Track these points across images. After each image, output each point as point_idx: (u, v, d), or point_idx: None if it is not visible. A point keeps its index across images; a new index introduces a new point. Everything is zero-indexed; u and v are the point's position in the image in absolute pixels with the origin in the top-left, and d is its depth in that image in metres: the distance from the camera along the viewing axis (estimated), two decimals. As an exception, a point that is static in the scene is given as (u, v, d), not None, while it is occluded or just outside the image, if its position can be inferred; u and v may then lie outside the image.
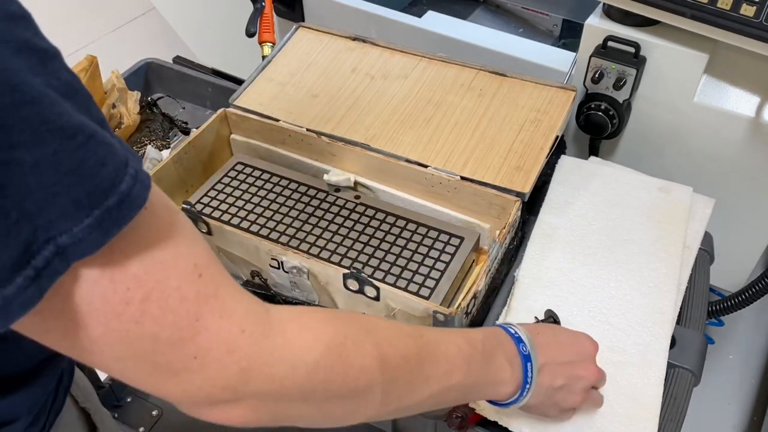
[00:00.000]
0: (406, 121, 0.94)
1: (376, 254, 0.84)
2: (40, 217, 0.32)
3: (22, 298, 0.32)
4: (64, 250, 0.33)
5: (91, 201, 0.33)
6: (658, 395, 0.70)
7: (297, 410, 0.43)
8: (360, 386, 0.45)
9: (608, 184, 0.91)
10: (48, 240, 0.32)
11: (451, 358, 0.52)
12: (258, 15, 1.15)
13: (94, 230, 0.33)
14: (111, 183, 0.34)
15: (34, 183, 0.31)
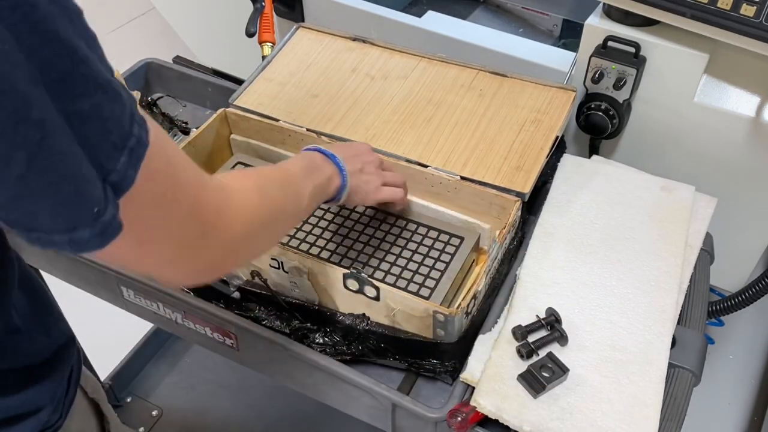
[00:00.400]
0: (406, 121, 0.94)
1: (376, 254, 0.84)
2: (97, 160, 0.38)
3: (115, 224, 0.39)
4: (115, 187, 0.39)
5: (122, 142, 0.39)
6: (659, 393, 0.70)
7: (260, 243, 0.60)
8: (281, 205, 0.62)
9: (610, 183, 0.91)
10: (104, 180, 0.39)
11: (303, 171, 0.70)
12: (258, 15, 1.15)
13: (128, 167, 0.40)
14: (129, 126, 0.40)
15: (90, 130, 0.37)
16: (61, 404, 0.64)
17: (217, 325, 0.82)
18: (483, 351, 0.74)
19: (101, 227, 0.39)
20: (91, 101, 0.37)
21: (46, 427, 0.62)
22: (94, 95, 0.38)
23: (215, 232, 0.50)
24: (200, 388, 1.44)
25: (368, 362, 0.78)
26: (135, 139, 0.40)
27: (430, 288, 0.79)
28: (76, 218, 0.38)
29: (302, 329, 0.79)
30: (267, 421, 1.38)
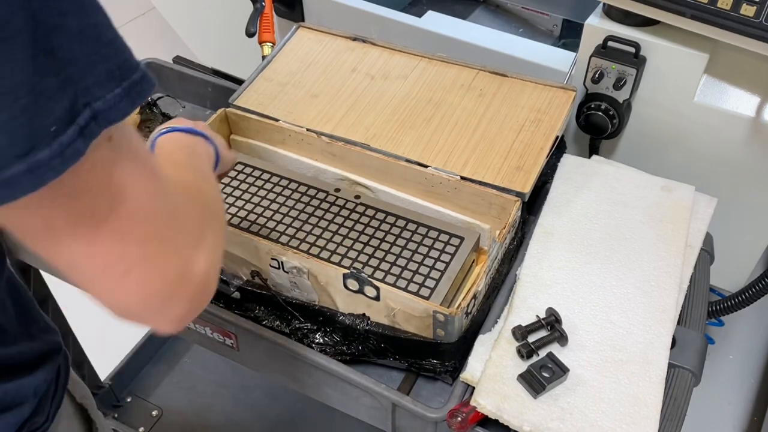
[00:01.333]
0: (406, 121, 0.94)
1: (376, 254, 0.84)
2: (81, 82, 0.36)
3: (74, 147, 0.36)
4: (97, 115, 0.37)
5: (122, 73, 0.38)
6: (659, 393, 0.70)
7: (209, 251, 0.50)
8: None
9: (610, 183, 0.91)
10: (86, 104, 0.36)
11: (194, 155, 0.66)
12: (258, 15, 1.15)
13: (123, 99, 0.38)
14: (136, 63, 0.39)
15: (77, 49, 0.36)
16: (48, 405, 0.63)
17: (217, 325, 0.82)
18: (483, 351, 0.74)
19: (59, 147, 0.35)
20: (85, 21, 0.36)
21: (32, 429, 0.61)
22: (90, 16, 0.36)
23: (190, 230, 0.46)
24: (200, 388, 1.44)
25: (368, 362, 0.78)
26: (141, 74, 0.39)
27: (430, 288, 0.79)
28: (33, 135, 0.35)
29: (302, 329, 0.79)
30: (267, 421, 1.38)
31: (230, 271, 0.85)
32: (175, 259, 0.45)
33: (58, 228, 0.39)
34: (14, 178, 0.35)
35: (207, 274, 0.47)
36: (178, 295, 0.46)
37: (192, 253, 0.46)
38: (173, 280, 0.45)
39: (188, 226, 0.47)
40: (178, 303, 0.46)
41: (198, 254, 0.47)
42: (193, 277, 0.46)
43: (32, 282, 1.08)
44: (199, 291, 0.47)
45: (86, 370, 1.29)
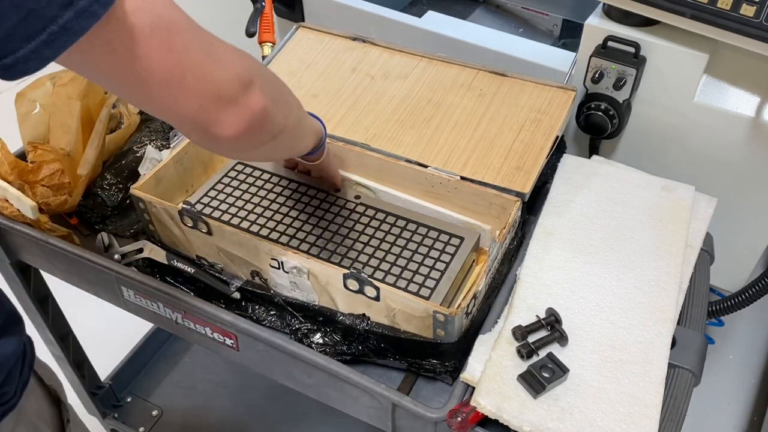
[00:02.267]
0: (406, 121, 0.94)
1: (376, 254, 0.84)
2: None
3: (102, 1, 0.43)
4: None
5: None
6: (659, 393, 0.70)
7: (271, 91, 0.58)
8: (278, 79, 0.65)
9: (610, 183, 0.91)
10: None
11: None
12: (258, 15, 1.15)
13: None
14: None
15: None
16: (15, 381, 0.67)
17: (217, 325, 0.82)
18: (483, 351, 0.74)
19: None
20: None
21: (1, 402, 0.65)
22: None
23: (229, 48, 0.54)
24: (200, 388, 1.44)
25: (368, 362, 0.78)
26: None
27: (430, 288, 0.79)
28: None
29: (302, 329, 0.79)
30: (267, 421, 1.38)
31: (230, 271, 0.85)
32: (221, 70, 0.52)
33: (118, 58, 0.47)
34: (68, 24, 0.42)
35: (261, 103, 0.55)
36: (232, 102, 0.53)
37: (240, 72, 0.53)
38: (224, 86, 0.52)
39: (232, 56, 0.54)
40: (232, 110, 0.53)
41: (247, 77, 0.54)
42: (247, 96, 0.54)
43: (32, 282, 1.08)
44: (252, 113, 0.54)
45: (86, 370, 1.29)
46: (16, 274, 1.04)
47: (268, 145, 0.61)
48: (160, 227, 0.88)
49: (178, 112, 0.52)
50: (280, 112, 0.60)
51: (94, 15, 0.43)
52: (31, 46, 0.42)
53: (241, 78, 0.53)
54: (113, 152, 1.00)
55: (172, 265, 0.85)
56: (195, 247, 0.86)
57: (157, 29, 0.47)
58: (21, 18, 0.41)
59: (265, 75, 0.59)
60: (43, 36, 0.42)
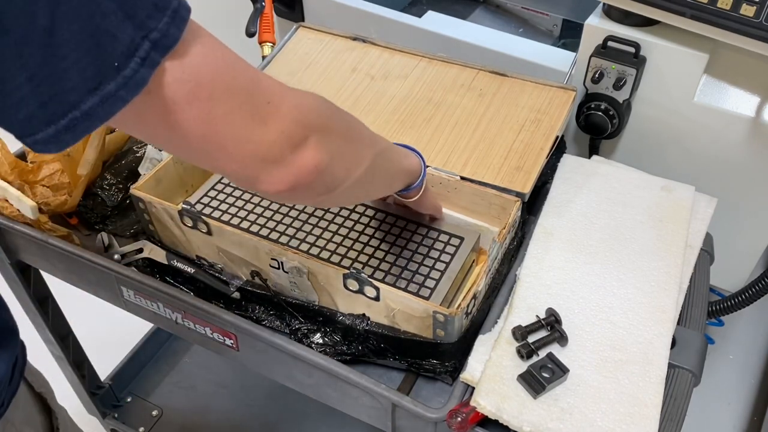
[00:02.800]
0: (406, 121, 0.94)
1: (376, 254, 0.84)
2: (136, 18, 0.40)
3: (137, 78, 0.41)
4: (156, 44, 0.41)
5: (164, 4, 0.41)
6: (659, 393, 0.70)
7: (337, 143, 0.55)
8: (354, 120, 0.62)
9: (610, 183, 0.91)
10: (144, 37, 0.40)
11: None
12: (258, 15, 1.15)
13: (171, 25, 0.42)
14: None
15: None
16: (3, 392, 0.65)
17: (217, 325, 0.82)
18: (483, 351, 0.74)
19: (123, 80, 0.40)
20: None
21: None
22: None
23: (282, 102, 0.50)
24: (200, 388, 1.44)
25: (368, 362, 0.78)
26: (177, 2, 0.42)
27: (430, 288, 0.79)
28: (101, 72, 0.39)
29: (302, 329, 0.79)
30: (267, 421, 1.38)
31: (230, 271, 0.85)
32: (267, 130, 0.49)
33: (151, 127, 0.45)
34: (91, 110, 0.40)
35: (313, 162, 0.52)
36: (277, 162, 0.50)
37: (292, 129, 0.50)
38: (269, 148, 0.49)
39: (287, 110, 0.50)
40: (275, 170, 0.50)
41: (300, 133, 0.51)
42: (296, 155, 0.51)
43: (32, 282, 1.08)
44: (298, 172, 0.51)
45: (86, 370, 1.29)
46: (16, 274, 1.04)
47: (326, 196, 0.57)
48: (160, 227, 0.88)
49: (218, 170, 0.51)
50: (341, 167, 0.56)
51: (121, 100, 0.41)
52: (50, 131, 0.40)
53: (292, 136, 0.50)
54: (113, 152, 1.00)
55: (172, 265, 0.85)
56: (195, 247, 0.86)
57: (195, 100, 0.45)
58: (40, 104, 0.39)
59: (330, 125, 0.55)
60: (63, 121, 0.40)
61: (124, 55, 0.40)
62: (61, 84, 0.38)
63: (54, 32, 0.37)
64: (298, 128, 0.51)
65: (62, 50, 0.38)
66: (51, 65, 0.38)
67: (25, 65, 0.37)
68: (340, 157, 0.56)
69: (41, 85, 0.38)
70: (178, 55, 0.43)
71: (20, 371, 0.69)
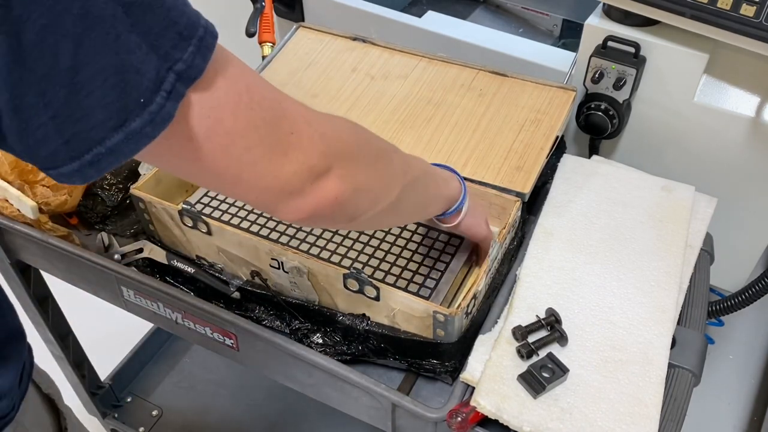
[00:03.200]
0: (406, 121, 0.94)
1: (376, 254, 0.84)
2: (160, 49, 0.39)
3: (163, 113, 0.40)
4: (181, 75, 0.40)
5: (189, 32, 0.40)
6: (659, 393, 0.70)
7: (363, 174, 0.54)
8: (386, 149, 0.60)
9: (610, 183, 0.91)
10: (169, 69, 0.39)
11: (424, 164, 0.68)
12: (258, 15, 1.15)
13: (196, 56, 0.41)
14: (196, 18, 0.41)
15: (152, 20, 0.38)
16: (14, 395, 0.65)
17: (217, 325, 0.82)
18: (483, 351, 0.74)
19: (149, 116, 0.39)
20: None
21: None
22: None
23: (306, 133, 0.49)
24: (200, 388, 1.44)
25: (368, 362, 0.78)
26: (203, 29, 0.41)
27: (430, 288, 0.79)
28: (125, 109, 0.38)
29: (302, 329, 0.79)
30: (267, 421, 1.38)
31: (230, 271, 0.85)
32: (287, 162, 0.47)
33: (171, 159, 0.45)
34: (116, 147, 0.39)
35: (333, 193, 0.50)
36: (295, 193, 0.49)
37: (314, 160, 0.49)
38: (288, 179, 0.48)
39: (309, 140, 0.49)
40: (293, 200, 0.49)
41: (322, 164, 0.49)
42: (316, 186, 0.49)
43: (32, 282, 1.08)
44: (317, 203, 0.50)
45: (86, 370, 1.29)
46: (16, 274, 1.04)
47: (348, 224, 0.56)
48: (160, 227, 0.88)
49: (237, 198, 0.51)
50: (365, 198, 0.55)
51: (146, 137, 0.40)
52: (75, 166, 0.39)
53: (314, 167, 0.49)
54: (113, 152, 1.00)
55: (172, 265, 0.85)
56: (195, 247, 0.86)
57: (214, 135, 0.44)
58: (64, 141, 0.38)
59: (357, 155, 0.54)
60: (87, 157, 0.39)
61: (150, 90, 0.39)
62: (85, 122, 0.38)
63: (78, 70, 0.36)
64: (321, 159, 0.49)
65: (86, 88, 0.37)
66: (74, 103, 0.37)
67: (48, 104, 0.37)
68: (364, 188, 0.54)
69: (65, 123, 0.37)
70: (200, 88, 0.42)
71: (29, 374, 0.68)
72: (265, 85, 0.47)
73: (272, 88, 0.48)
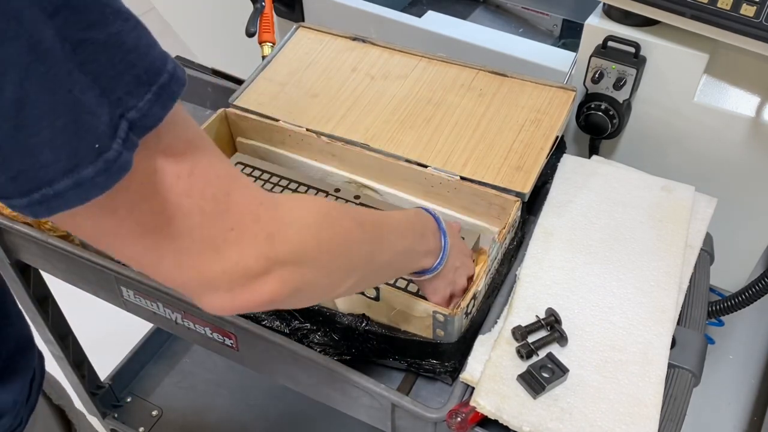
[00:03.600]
0: (406, 121, 0.94)
1: (376, 254, 0.83)
2: (113, 93, 0.36)
3: (120, 161, 0.36)
4: (134, 124, 0.36)
5: (149, 77, 0.37)
6: (658, 393, 0.70)
7: (311, 276, 0.48)
8: (351, 240, 0.53)
9: (610, 183, 0.91)
10: (121, 116, 0.36)
11: (401, 226, 0.62)
12: (258, 15, 1.15)
13: (155, 104, 0.37)
14: (162, 62, 0.38)
15: (105, 61, 0.35)
16: (22, 410, 0.62)
17: (217, 325, 0.82)
18: (483, 351, 0.74)
19: (104, 164, 0.35)
20: (108, 30, 0.35)
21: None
22: (111, 24, 0.35)
23: (249, 231, 0.43)
24: (200, 388, 1.44)
25: (368, 362, 0.78)
26: (168, 75, 0.38)
27: (430, 288, 0.79)
28: (78, 153, 0.35)
29: (302, 329, 0.79)
30: (267, 421, 1.38)
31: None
32: (220, 259, 0.43)
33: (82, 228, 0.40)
34: (64, 192, 0.35)
35: (265, 296, 0.45)
36: (221, 289, 0.44)
37: (252, 262, 0.43)
38: (215, 277, 0.43)
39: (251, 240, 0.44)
40: (218, 296, 0.44)
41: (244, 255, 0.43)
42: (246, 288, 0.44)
43: (32, 282, 1.08)
44: (243, 304, 0.45)
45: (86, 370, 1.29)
46: (16, 274, 1.04)
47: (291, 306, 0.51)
48: (160, 227, 0.88)
49: (157, 280, 0.45)
50: (308, 295, 0.50)
51: (98, 187, 0.36)
52: (23, 201, 0.35)
53: (249, 269, 0.44)
54: (113, 152, 1.00)
55: (172, 265, 0.85)
56: (195, 247, 0.86)
57: (139, 212, 0.39)
58: (9, 178, 0.35)
59: (312, 256, 0.48)
60: (36, 195, 0.35)
61: (107, 135, 0.35)
62: (32, 160, 0.34)
63: (24, 104, 0.33)
64: (259, 261, 0.44)
65: (34, 125, 0.33)
66: (21, 140, 0.34)
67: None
68: (310, 288, 0.49)
69: (11, 159, 0.34)
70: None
71: (38, 386, 0.66)
72: (216, 172, 0.42)
73: (226, 175, 0.43)
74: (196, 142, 0.41)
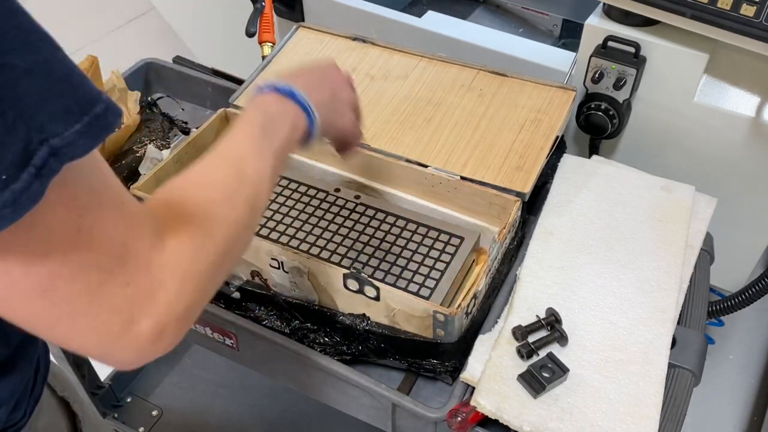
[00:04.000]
0: (406, 121, 0.94)
1: (376, 254, 0.84)
2: (34, 119, 0.34)
3: (29, 192, 0.34)
4: (56, 151, 0.35)
5: (81, 108, 0.36)
6: (659, 393, 0.70)
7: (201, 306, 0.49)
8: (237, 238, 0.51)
9: (611, 183, 0.91)
10: (42, 141, 0.34)
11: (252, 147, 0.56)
12: (258, 15, 1.15)
13: (84, 135, 0.36)
14: (97, 94, 0.37)
15: (27, 87, 0.34)
16: (25, 402, 0.62)
17: (217, 325, 0.82)
18: (483, 351, 0.74)
19: (12, 195, 0.33)
20: (35, 57, 0.34)
21: (7, 426, 0.59)
22: (38, 51, 0.34)
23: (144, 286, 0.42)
24: (200, 388, 1.43)
25: (368, 362, 0.78)
26: (104, 105, 0.36)
27: (430, 288, 0.79)
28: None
29: (302, 329, 0.79)
30: (267, 421, 1.38)
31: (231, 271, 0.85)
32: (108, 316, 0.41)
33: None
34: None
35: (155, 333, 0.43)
36: (120, 347, 0.42)
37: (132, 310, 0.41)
38: (109, 335, 0.41)
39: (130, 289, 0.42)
40: (120, 353, 0.43)
41: (143, 310, 0.42)
42: (136, 334, 0.42)
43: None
44: (144, 347, 0.43)
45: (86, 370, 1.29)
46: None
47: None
48: (160, 227, 0.88)
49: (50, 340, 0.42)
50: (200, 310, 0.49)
51: (5, 219, 0.34)
52: None
53: (148, 335, 0.42)
54: (113, 152, 1.00)
55: (172, 265, 0.85)
56: (195, 247, 0.86)
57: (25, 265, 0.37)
58: None
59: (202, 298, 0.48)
60: None
61: (15, 165, 0.33)
62: None
63: None
64: (156, 327, 0.43)
65: None
66: None
67: None
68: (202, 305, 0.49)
69: None
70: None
71: (43, 377, 0.65)
72: (115, 222, 0.40)
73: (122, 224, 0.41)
74: (100, 190, 0.40)
